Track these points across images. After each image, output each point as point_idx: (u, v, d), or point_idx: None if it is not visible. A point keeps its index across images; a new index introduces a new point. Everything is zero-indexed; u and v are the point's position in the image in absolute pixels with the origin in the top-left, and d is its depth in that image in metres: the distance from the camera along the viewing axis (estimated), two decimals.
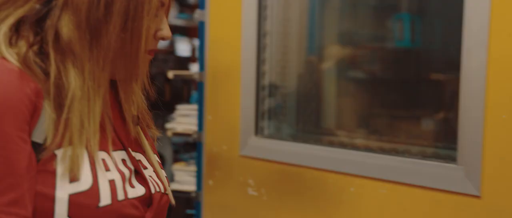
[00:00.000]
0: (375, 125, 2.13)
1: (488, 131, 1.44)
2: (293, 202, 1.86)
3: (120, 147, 0.90)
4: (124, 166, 0.88)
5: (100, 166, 0.83)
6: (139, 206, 0.87)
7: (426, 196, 1.56)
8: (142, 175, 0.91)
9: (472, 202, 1.47)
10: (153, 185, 0.92)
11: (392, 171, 1.64)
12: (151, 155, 0.98)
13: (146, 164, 0.96)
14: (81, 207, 0.79)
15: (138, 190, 0.88)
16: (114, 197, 0.82)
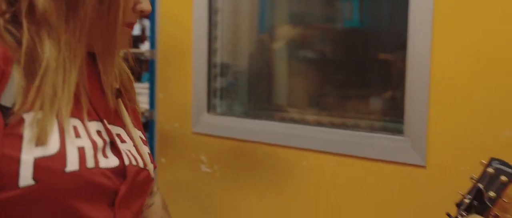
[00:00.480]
0: (325, 103, 2.17)
1: (432, 104, 1.49)
2: (246, 178, 1.88)
3: (95, 118, 0.89)
4: (98, 136, 0.87)
5: (69, 132, 0.82)
6: (112, 177, 0.86)
7: (374, 167, 1.60)
8: (117, 147, 0.90)
9: (418, 172, 1.53)
10: (129, 158, 0.91)
11: (342, 145, 1.68)
12: (132, 130, 0.97)
13: (125, 138, 0.95)
14: (47, 171, 0.78)
15: (111, 161, 0.88)
16: (82, 164, 0.82)
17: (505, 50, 1.38)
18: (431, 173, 1.51)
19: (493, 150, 1.37)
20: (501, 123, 1.39)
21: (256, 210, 1.89)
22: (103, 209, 0.87)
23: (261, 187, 1.86)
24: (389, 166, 1.58)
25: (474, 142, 1.43)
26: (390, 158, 1.58)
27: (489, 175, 1.32)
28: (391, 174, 1.58)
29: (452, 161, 1.47)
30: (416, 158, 1.53)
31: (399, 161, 1.56)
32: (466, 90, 1.44)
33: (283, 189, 1.80)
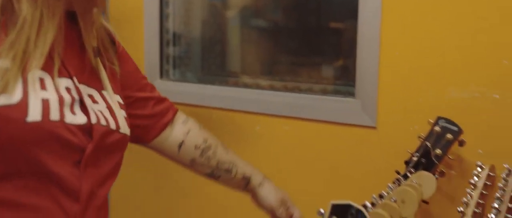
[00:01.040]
0: (278, 70, 2.19)
1: (382, 67, 1.53)
2: None
3: (66, 75, 0.89)
4: (67, 92, 0.87)
5: (34, 84, 0.82)
6: (78, 134, 0.86)
7: (326, 129, 1.64)
8: (85, 105, 0.89)
9: (369, 133, 1.57)
10: (98, 118, 0.91)
11: (295, 108, 1.71)
12: (109, 93, 0.97)
13: (98, 99, 0.95)
14: (8, 120, 0.78)
15: (78, 118, 0.87)
16: (45, 115, 0.82)
17: (450, 13, 1.43)
18: (381, 133, 1.55)
19: (440, 109, 1.43)
20: (447, 83, 1.44)
21: None
22: (68, 166, 0.86)
23: None
24: (341, 127, 1.62)
25: (422, 103, 1.48)
26: (342, 120, 1.62)
27: (436, 134, 1.38)
28: (343, 136, 1.62)
29: (401, 122, 1.51)
30: (367, 119, 1.57)
31: (351, 122, 1.60)
32: (414, 53, 1.48)
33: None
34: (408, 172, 1.33)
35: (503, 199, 1.29)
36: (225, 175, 1.23)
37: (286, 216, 1.26)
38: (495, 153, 1.39)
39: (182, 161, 1.21)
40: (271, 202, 1.25)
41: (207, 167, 1.21)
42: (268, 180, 1.28)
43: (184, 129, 1.20)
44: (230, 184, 1.26)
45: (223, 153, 1.23)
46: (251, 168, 1.28)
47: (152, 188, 2.02)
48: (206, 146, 1.20)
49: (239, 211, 1.84)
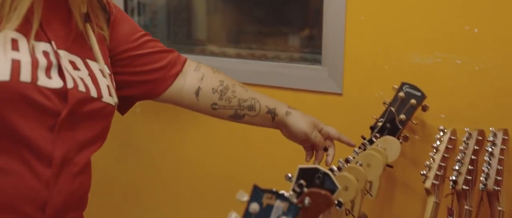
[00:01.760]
0: (245, 39, 2.18)
1: (348, 34, 1.55)
2: (167, 113, 1.88)
3: (44, 39, 0.88)
4: (43, 56, 0.86)
5: (5, 44, 0.81)
6: (52, 98, 0.85)
7: (293, 97, 1.65)
8: (62, 70, 0.88)
9: (335, 100, 1.59)
10: (76, 83, 0.89)
11: (262, 76, 1.71)
12: (99, 62, 0.96)
13: (80, 66, 0.93)
14: None
15: (54, 82, 0.86)
16: (14, 76, 0.81)
17: None
18: (347, 100, 1.58)
19: (404, 75, 1.45)
20: (411, 49, 1.46)
21: (176, 144, 1.90)
22: (41, 130, 0.86)
23: (181, 122, 1.87)
24: (308, 95, 1.64)
25: (387, 69, 1.50)
26: (309, 87, 1.63)
27: (400, 99, 1.41)
28: (310, 103, 1.63)
29: (366, 88, 1.54)
30: (333, 86, 1.59)
31: (317, 89, 1.62)
32: (379, 21, 1.50)
33: (204, 123, 1.82)
34: (374, 137, 1.36)
35: (463, 162, 1.34)
36: (249, 112, 1.22)
37: (321, 137, 1.26)
38: (457, 118, 1.43)
39: (203, 108, 1.20)
40: (303, 127, 1.24)
41: (229, 109, 1.21)
42: (293, 108, 1.27)
43: (198, 75, 1.19)
44: (257, 122, 1.24)
45: (242, 91, 1.22)
46: (273, 100, 1.26)
47: (115, 158, 2.01)
48: (223, 87, 1.20)
49: (205, 179, 1.85)
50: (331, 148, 1.30)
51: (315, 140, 1.25)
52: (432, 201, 1.35)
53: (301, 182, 0.94)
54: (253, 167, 1.75)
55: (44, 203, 0.88)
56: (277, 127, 1.27)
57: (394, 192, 1.53)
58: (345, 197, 0.99)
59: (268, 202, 0.81)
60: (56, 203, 0.90)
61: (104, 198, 2.06)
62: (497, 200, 1.28)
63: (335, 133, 1.29)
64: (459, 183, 1.31)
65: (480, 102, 1.41)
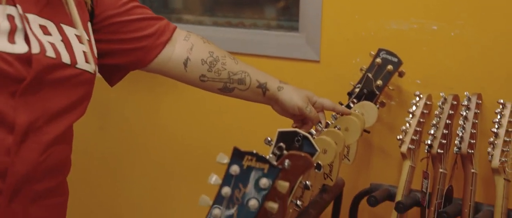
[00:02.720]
0: (220, 9, 2.17)
1: (326, 0, 1.54)
2: (144, 80, 1.86)
3: (10, 2, 0.84)
4: (6, 20, 0.83)
5: None
6: (15, 64, 0.82)
7: (271, 64, 1.65)
8: (27, 34, 0.85)
9: (313, 67, 1.60)
10: (44, 49, 0.86)
11: (239, 44, 1.70)
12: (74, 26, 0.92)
13: (53, 31, 0.90)
14: None
15: (18, 47, 0.83)
16: None
17: None
18: (325, 66, 1.58)
19: (381, 41, 1.46)
20: (388, 15, 1.47)
21: (152, 113, 1.89)
22: (2, 96, 0.83)
23: (158, 90, 1.85)
24: (285, 62, 1.64)
25: (364, 35, 1.51)
26: (286, 54, 1.63)
27: (377, 65, 1.42)
28: (288, 70, 1.63)
29: (344, 55, 1.54)
30: (311, 53, 1.59)
31: (295, 57, 1.62)
32: None
33: (181, 90, 1.81)
34: (351, 103, 1.38)
35: (438, 126, 1.36)
36: (239, 86, 1.18)
37: (316, 112, 1.21)
38: (432, 83, 1.45)
39: (191, 79, 1.16)
40: (297, 102, 1.19)
41: (218, 81, 1.17)
42: (285, 83, 1.22)
43: (187, 45, 1.15)
44: (247, 96, 1.20)
45: (232, 64, 1.18)
46: (265, 74, 1.22)
47: (96, 128, 1.99)
48: (213, 59, 1.16)
49: (183, 147, 1.85)
50: (323, 120, 1.25)
51: (310, 115, 1.20)
52: (408, 165, 1.38)
53: (280, 144, 0.95)
54: (231, 134, 1.76)
55: (4, 171, 0.85)
56: (268, 102, 1.23)
57: (371, 157, 1.55)
58: (324, 160, 1.00)
59: (249, 164, 0.82)
60: (18, 172, 0.87)
61: (83, 168, 2.05)
62: (471, 163, 1.31)
63: (329, 104, 1.24)
64: (434, 147, 1.34)
65: (455, 67, 1.43)
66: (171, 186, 1.90)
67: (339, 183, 1.49)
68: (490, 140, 1.27)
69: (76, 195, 2.07)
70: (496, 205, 1.26)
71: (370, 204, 1.36)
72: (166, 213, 1.93)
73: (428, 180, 1.35)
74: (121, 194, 2.00)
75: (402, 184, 1.37)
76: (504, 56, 1.37)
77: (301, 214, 1.22)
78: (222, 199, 0.82)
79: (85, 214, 2.07)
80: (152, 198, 1.94)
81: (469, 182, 1.30)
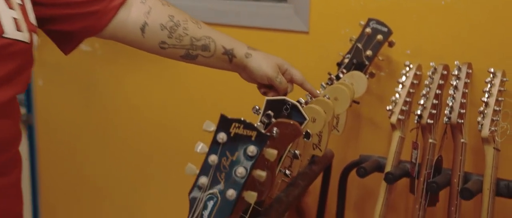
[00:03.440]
0: None
1: None
2: (128, 55, 1.83)
3: None
4: None
5: None
6: None
7: (260, 36, 1.63)
8: None
9: (301, 38, 1.57)
10: None
11: (226, 15, 1.67)
12: None
13: None
14: None
15: None
16: None
17: None
18: (314, 37, 1.56)
19: (370, 11, 1.44)
20: None
21: (138, 86, 1.87)
22: None
23: (144, 63, 1.82)
24: (274, 34, 1.61)
25: (353, 5, 1.48)
26: (275, 25, 1.61)
27: (367, 35, 1.40)
28: (276, 42, 1.61)
29: (333, 25, 1.52)
30: (299, 24, 1.57)
31: (283, 28, 1.59)
32: None
33: (167, 64, 1.78)
34: (340, 73, 1.36)
35: (428, 96, 1.35)
36: (203, 53, 1.09)
37: (286, 82, 1.13)
38: (422, 53, 1.43)
39: (150, 46, 1.07)
40: (266, 71, 1.11)
41: (180, 48, 1.08)
42: (254, 49, 1.14)
43: (144, 8, 1.05)
44: (212, 63, 1.12)
45: (195, 28, 1.08)
46: (231, 39, 1.12)
47: (82, 104, 1.96)
48: (173, 24, 1.06)
49: (172, 125, 1.83)
50: (290, 87, 1.17)
51: (280, 85, 1.12)
52: (397, 136, 1.37)
53: (268, 113, 0.93)
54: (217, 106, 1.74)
55: None
56: (236, 70, 1.15)
57: (360, 128, 1.54)
58: (313, 128, 0.98)
59: (236, 131, 0.80)
60: None
61: (68, 143, 2.03)
62: (460, 133, 1.30)
63: (299, 77, 1.16)
64: (424, 117, 1.33)
65: (446, 37, 1.41)
66: (153, 162, 1.88)
67: (328, 155, 1.48)
68: (480, 110, 1.26)
69: (64, 172, 2.05)
70: (486, 175, 1.26)
71: (359, 175, 1.36)
72: (148, 187, 1.92)
73: (417, 150, 1.34)
74: (105, 170, 1.98)
75: (391, 155, 1.36)
76: (494, 25, 1.36)
77: (289, 185, 1.21)
78: (209, 167, 0.81)
79: (70, 187, 2.05)
80: (136, 172, 1.93)
81: (459, 152, 1.30)
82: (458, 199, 1.28)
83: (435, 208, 1.36)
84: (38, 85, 2.01)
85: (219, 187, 0.79)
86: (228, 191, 0.79)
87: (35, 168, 2.08)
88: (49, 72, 1.98)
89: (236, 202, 0.79)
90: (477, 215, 1.29)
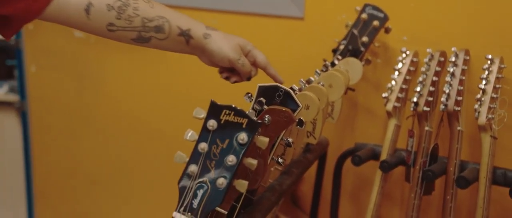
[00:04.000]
0: None
1: None
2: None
3: None
4: None
5: None
6: None
7: (255, 22, 1.60)
8: None
9: (297, 24, 1.55)
10: None
11: (223, 1, 1.64)
12: None
13: None
14: None
15: None
16: None
17: None
18: (309, 24, 1.54)
19: None
20: None
21: (132, 72, 1.85)
22: None
23: (137, 49, 1.79)
24: (268, 20, 1.59)
25: None
26: (270, 11, 1.58)
27: (363, 21, 1.37)
28: (271, 28, 1.59)
29: (329, 11, 1.50)
30: (295, 10, 1.54)
31: (278, 14, 1.57)
32: None
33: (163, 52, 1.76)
34: (336, 59, 1.34)
35: (424, 83, 1.33)
36: (157, 35, 1.01)
37: (249, 65, 1.07)
38: (419, 39, 1.41)
39: (97, 28, 0.99)
40: (227, 53, 1.04)
41: (130, 31, 1.00)
42: (213, 29, 1.06)
43: None
44: (167, 46, 1.04)
45: (146, 8, 0.99)
46: (188, 19, 1.04)
47: (75, 91, 1.94)
48: (122, 3, 0.97)
49: (167, 111, 1.81)
50: (254, 72, 1.10)
51: (242, 68, 1.05)
52: (393, 123, 1.35)
53: (261, 99, 0.91)
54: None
55: None
56: (194, 52, 1.06)
57: (356, 116, 1.52)
58: (306, 116, 0.96)
59: (227, 118, 0.78)
60: None
61: (61, 129, 2.01)
62: (457, 120, 1.28)
63: (262, 60, 1.08)
64: (420, 105, 1.31)
65: (443, 23, 1.39)
66: (147, 148, 1.87)
67: (324, 143, 1.47)
68: (477, 97, 1.24)
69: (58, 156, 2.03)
70: (482, 163, 1.24)
71: (354, 164, 1.34)
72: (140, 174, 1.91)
73: (413, 138, 1.32)
74: (99, 156, 1.96)
75: (387, 143, 1.35)
76: (492, 10, 1.34)
77: (283, 173, 1.19)
78: (198, 155, 0.79)
79: (64, 175, 2.04)
80: (130, 158, 1.91)
81: (455, 140, 1.28)
82: (454, 188, 1.27)
83: (431, 197, 1.35)
84: (31, 71, 1.98)
85: (209, 175, 0.78)
86: (218, 179, 0.77)
87: (29, 154, 2.06)
88: (42, 59, 1.95)
89: (227, 190, 0.77)
90: (473, 204, 1.28)
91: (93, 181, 1.99)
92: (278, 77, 1.09)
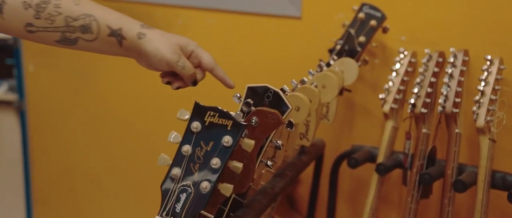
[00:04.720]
0: None
1: None
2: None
3: None
4: None
5: None
6: None
7: (252, 21, 1.58)
8: None
9: (294, 23, 1.53)
10: None
11: (219, 0, 1.63)
12: None
13: None
14: None
15: None
16: None
17: None
18: (306, 23, 1.51)
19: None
20: None
21: (130, 71, 1.83)
22: None
23: None
24: (265, 19, 1.57)
25: None
26: (266, 10, 1.56)
27: (360, 20, 1.35)
28: (268, 28, 1.57)
29: (326, 10, 1.47)
30: (292, 9, 1.52)
31: (275, 13, 1.55)
32: None
33: None
34: (331, 60, 1.31)
35: (422, 84, 1.30)
36: (84, 35, 0.89)
37: (191, 67, 0.95)
38: (417, 39, 1.38)
39: (14, 29, 0.88)
40: (165, 54, 0.91)
41: (53, 31, 0.88)
42: (149, 27, 0.93)
43: None
44: (98, 48, 0.92)
45: (70, 5, 0.88)
46: (120, 16, 0.92)
47: (71, 90, 1.93)
48: (41, 1, 0.87)
49: (165, 110, 1.80)
50: (200, 75, 0.99)
51: (182, 71, 0.94)
52: (390, 125, 1.33)
53: (248, 101, 0.89)
54: None
55: None
56: (129, 55, 0.94)
57: (353, 117, 1.50)
58: (297, 117, 0.94)
59: (211, 120, 0.76)
60: None
61: (59, 128, 2.00)
62: (455, 123, 1.26)
63: (209, 61, 0.97)
64: (418, 106, 1.28)
65: (442, 22, 1.36)
66: (145, 148, 1.85)
67: (319, 145, 1.45)
68: (475, 99, 1.22)
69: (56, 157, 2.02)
70: (480, 166, 1.21)
71: (350, 166, 1.32)
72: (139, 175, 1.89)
73: (410, 140, 1.30)
74: (97, 155, 1.95)
75: (384, 145, 1.32)
76: (492, 11, 1.31)
77: (276, 175, 1.17)
78: (182, 158, 0.77)
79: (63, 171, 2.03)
80: (128, 157, 1.90)
81: (453, 142, 1.25)
82: (451, 191, 1.24)
83: (428, 201, 1.32)
84: (29, 71, 1.97)
85: (193, 178, 0.76)
86: (202, 183, 0.75)
87: (27, 154, 2.05)
88: (40, 58, 1.94)
89: (211, 194, 0.75)
90: (471, 207, 1.25)
91: (92, 179, 1.98)
92: (228, 80, 0.99)
